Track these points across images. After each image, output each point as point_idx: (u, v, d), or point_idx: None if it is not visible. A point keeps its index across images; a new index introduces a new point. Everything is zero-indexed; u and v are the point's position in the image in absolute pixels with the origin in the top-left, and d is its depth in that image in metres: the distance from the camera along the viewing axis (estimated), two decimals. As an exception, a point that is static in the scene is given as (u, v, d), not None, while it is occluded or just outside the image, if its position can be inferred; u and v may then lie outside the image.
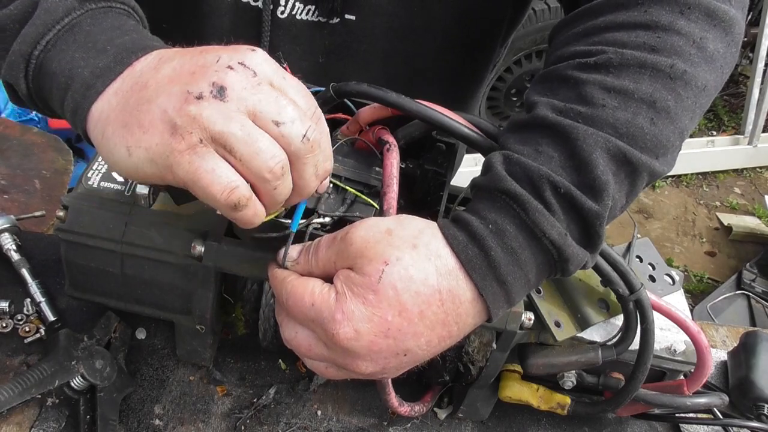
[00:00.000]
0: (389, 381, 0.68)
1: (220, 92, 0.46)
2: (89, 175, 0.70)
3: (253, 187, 0.49)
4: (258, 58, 0.49)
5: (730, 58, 0.61)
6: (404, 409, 0.73)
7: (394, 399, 0.70)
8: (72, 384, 0.70)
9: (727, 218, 3.08)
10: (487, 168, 0.55)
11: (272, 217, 0.54)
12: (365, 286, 0.50)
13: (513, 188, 0.52)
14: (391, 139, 0.64)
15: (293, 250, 0.56)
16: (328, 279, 0.53)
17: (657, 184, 3.21)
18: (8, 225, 0.83)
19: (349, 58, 0.84)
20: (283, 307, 0.55)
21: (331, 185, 0.64)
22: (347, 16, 0.80)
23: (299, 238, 0.58)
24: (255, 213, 0.50)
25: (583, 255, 0.54)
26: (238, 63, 0.48)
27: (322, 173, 0.52)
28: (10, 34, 0.54)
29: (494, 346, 0.69)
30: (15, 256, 0.81)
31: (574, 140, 0.53)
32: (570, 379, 0.73)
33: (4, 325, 0.76)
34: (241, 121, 0.47)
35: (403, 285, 0.50)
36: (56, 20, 0.53)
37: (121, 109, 0.49)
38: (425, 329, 0.51)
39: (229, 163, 0.48)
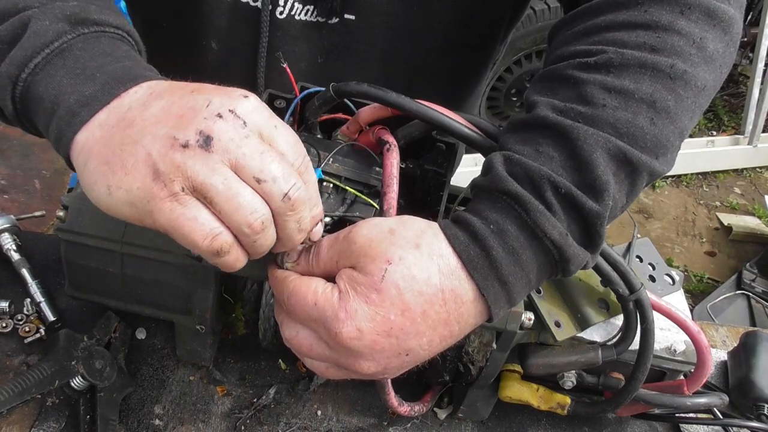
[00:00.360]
0: (389, 381, 0.68)
1: (206, 142, 0.46)
2: (89, 175, 0.70)
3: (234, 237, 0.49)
4: (250, 105, 0.48)
5: (729, 57, 0.61)
6: (404, 409, 0.73)
7: (393, 399, 0.69)
8: (72, 384, 0.70)
9: (727, 218, 3.08)
10: (487, 168, 0.55)
11: None
12: (368, 285, 0.50)
13: (514, 189, 0.52)
14: (391, 139, 0.64)
15: (293, 251, 0.56)
16: (329, 279, 0.53)
17: (657, 184, 3.21)
18: (8, 225, 0.83)
19: (349, 58, 0.84)
20: (284, 307, 0.55)
21: (331, 186, 0.64)
22: (346, 16, 0.80)
23: None
24: (237, 258, 0.50)
25: (583, 255, 0.54)
26: (229, 111, 0.47)
27: (306, 227, 0.51)
28: None
29: (494, 346, 0.69)
30: (15, 256, 0.81)
31: (574, 140, 0.53)
32: (570, 379, 0.73)
33: (4, 325, 0.76)
34: (224, 174, 0.46)
35: (406, 284, 0.50)
36: (45, 44, 0.52)
37: (105, 143, 0.48)
38: (427, 329, 0.51)
39: (210, 212, 0.47)
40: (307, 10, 0.79)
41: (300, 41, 0.82)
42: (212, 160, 0.46)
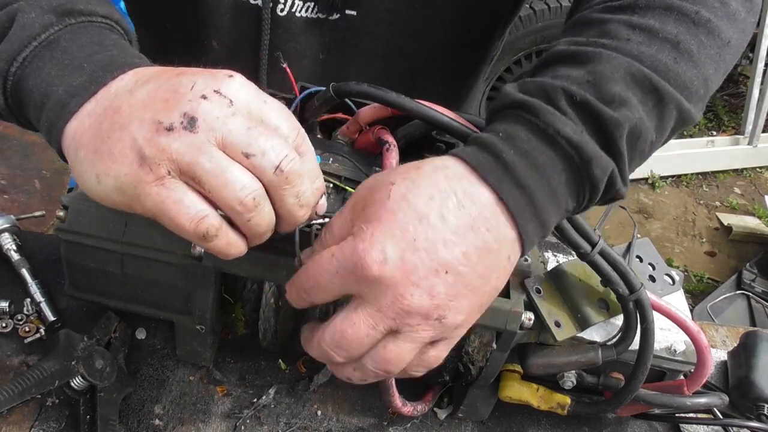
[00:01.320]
0: (393, 382, 0.68)
1: (190, 123, 0.46)
2: (89, 175, 0.70)
3: (230, 219, 0.48)
4: (235, 84, 0.48)
5: (750, 25, 0.61)
6: (407, 409, 0.73)
7: (397, 400, 0.69)
8: (72, 384, 0.70)
9: (727, 218, 3.08)
10: (499, 96, 0.54)
11: None
12: (377, 209, 0.48)
13: (523, 99, 0.50)
14: (390, 139, 0.64)
15: (307, 249, 0.56)
16: None
17: (657, 184, 3.21)
18: (8, 225, 0.83)
19: (350, 54, 0.84)
20: (308, 295, 0.51)
21: (332, 185, 0.64)
22: (348, 12, 0.80)
23: (304, 240, 0.58)
24: (228, 243, 0.49)
25: (607, 160, 0.51)
26: (213, 91, 0.47)
27: (308, 201, 0.50)
28: None
29: (494, 346, 0.69)
30: (15, 256, 0.81)
31: (596, 62, 0.52)
32: (570, 379, 0.73)
33: (4, 325, 0.76)
34: (210, 152, 0.46)
35: (414, 194, 0.48)
36: (32, 36, 0.52)
37: (94, 132, 0.48)
38: (453, 235, 0.47)
39: (201, 194, 0.47)
40: (308, 7, 0.79)
41: (301, 38, 0.82)
42: (198, 140, 0.46)
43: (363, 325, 0.48)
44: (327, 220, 0.60)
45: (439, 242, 0.47)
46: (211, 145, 0.46)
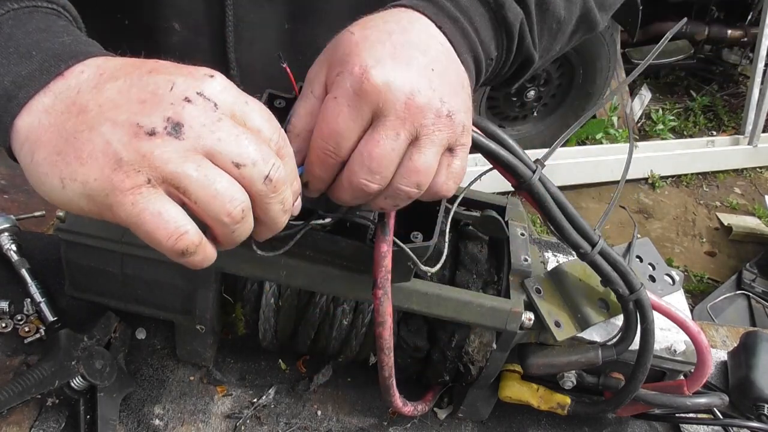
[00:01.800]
0: (394, 383, 0.68)
1: (175, 129, 0.43)
2: (89, 175, 0.70)
3: (209, 228, 0.46)
4: (217, 85, 0.45)
5: None
6: (408, 409, 0.73)
7: (398, 400, 0.69)
8: (72, 384, 0.70)
9: (727, 218, 3.08)
10: None
11: None
12: (348, 48, 0.51)
13: None
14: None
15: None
16: None
17: (657, 184, 3.21)
18: (8, 225, 0.83)
19: (315, 21, 0.80)
20: (337, 150, 0.51)
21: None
22: None
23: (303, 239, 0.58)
24: (204, 258, 0.47)
25: (517, 8, 0.60)
26: (197, 93, 0.44)
27: (289, 207, 0.49)
28: None
29: (494, 346, 0.69)
30: (15, 256, 0.81)
31: None
32: (570, 379, 0.73)
33: (4, 325, 0.76)
34: (198, 161, 0.43)
35: (372, 24, 0.52)
36: None
37: (56, 132, 0.44)
38: (420, 42, 0.53)
39: (184, 204, 0.44)
40: None
41: (264, 8, 0.78)
42: (184, 148, 0.43)
43: (386, 139, 0.50)
44: (329, 220, 0.60)
45: (414, 47, 0.52)
46: (197, 153, 0.43)
